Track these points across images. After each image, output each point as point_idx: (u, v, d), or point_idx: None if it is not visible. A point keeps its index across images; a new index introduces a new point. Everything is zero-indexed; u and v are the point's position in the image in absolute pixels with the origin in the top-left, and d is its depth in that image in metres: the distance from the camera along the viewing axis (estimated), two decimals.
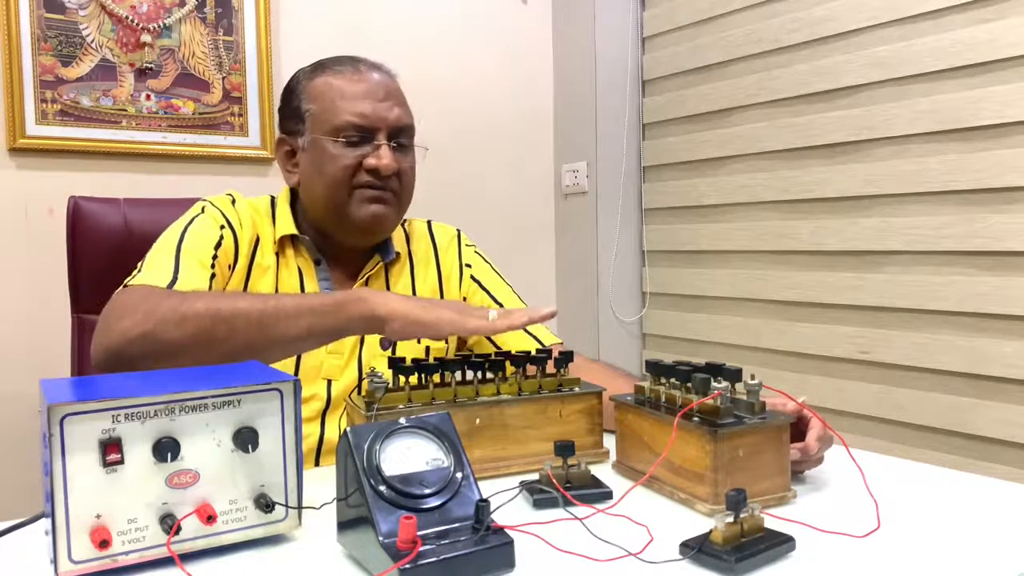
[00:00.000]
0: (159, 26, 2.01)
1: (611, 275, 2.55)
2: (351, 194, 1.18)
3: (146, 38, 2.00)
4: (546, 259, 2.70)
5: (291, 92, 1.26)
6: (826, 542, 0.72)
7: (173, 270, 1.07)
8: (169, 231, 1.16)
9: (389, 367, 0.95)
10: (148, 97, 2.01)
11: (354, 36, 2.28)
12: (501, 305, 1.32)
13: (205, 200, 1.23)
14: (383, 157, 1.17)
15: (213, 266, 1.12)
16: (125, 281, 1.08)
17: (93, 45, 1.94)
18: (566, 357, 1.01)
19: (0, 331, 1.86)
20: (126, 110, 1.98)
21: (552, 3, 2.66)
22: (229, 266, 1.17)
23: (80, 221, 1.40)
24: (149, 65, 2.00)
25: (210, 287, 1.10)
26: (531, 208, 2.66)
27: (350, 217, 1.19)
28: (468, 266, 1.35)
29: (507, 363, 0.99)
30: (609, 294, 2.55)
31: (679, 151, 2.44)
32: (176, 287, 1.04)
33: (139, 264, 1.12)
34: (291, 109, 1.25)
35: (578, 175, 2.59)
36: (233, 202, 1.24)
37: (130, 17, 1.97)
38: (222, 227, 1.17)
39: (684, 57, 2.41)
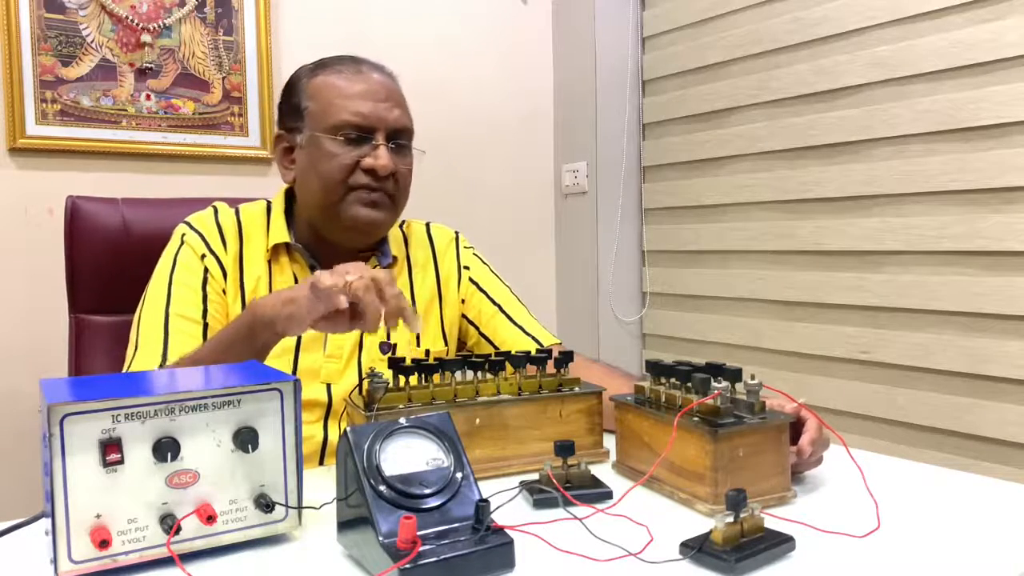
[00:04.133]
0: (159, 26, 2.01)
1: (611, 275, 2.55)
2: (346, 194, 1.17)
3: (146, 38, 1.99)
4: (546, 259, 2.70)
5: (292, 88, 1.25)
6: (826, 542, 0.72)
7: (163, 344, 1.11)
8: (156, 280, 1.18)
9: (389, 367, 0.95)
10: (148, 97, 2.01)
11: (354, 36, 2.28)
12: (500, 308, 1.32)
13: (185, 224, 1.23)
14: (380, 157, 1.17)
15: (205, 314, 1.15)
16: (126, 359, 1.12)
17: (93, 45, 1.94)
18: (566, 357, 1.01)
19: (0, 331, 1.86)
20: (126, 110, 1.98)
21: (552, 3, 2.66)
22: (223, 291, 1.18)
23: (78, 221, 1.40)
24: (149, 65, 2.00)
25: (205, 335, 1.13)
26: (531, 208, 2.66)
27: (343, 216, 1.18)
28: (466, 268, 1.35)
29: (507, 363, 0.99)
30: (609, 294, 2.55)
31: (679, 151, 2.44)
32: (168, 361, 1.09)
33: (135, 326, 1.15)
34: (291, 106, 1.24)
35: (578, 175, 2.59)
36: (216, 215, 1.23)
37: (130, 17, 1.97)
38: (203, 256, 1.18)
39: (684, 57, 2.41)
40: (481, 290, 1.33)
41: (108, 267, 1.38)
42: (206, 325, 1.14)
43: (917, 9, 1.82)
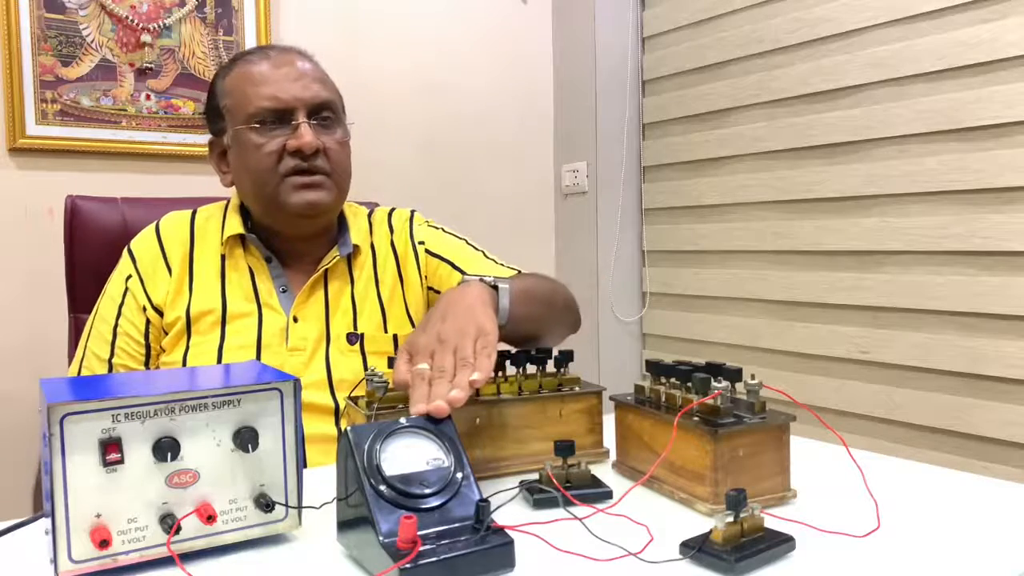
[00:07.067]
0: (159, 26, 2.01)
1: (611, 275, 2.55)
2: (280, 182, 1.16)
3: (146, 38, 1.99)
4: (546, 259, 2.70)
5: (211, 91, 1.25)
6: (826, 542, 0.72)
7: (80, 361, 1.21)
8: (97, 305, 1.25)
9: (389, 367, 0.95)
10: (148, 97, 2.01)
11: (353, 36, 2.28)
12: (463, 272, 1.26)
13: (125, 249, 1.25)
14: (303, 135, 1.15)
15: (115, 339, 1.19)
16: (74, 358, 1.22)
17: (93, 45, 1.94)
18: (566, 356, 1.01)
19: (0, 331, 1.86)
20: (126, 110, 1.98)
21: (552, 3, 2.66)
22: (143, 308, 1.19)
23: (78, 220, 1.40)
24: (149, 65, 2.00)
25: (112, 356, 1.19)
26: (531, 208, 2.66)
27: (283, 206, 1.17)
28: (421, 243, 1.32)
29: (507, 362, 0.99)
30: (609, 294, 2.55)
31: (679, 151, 2.44)
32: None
33: (84, 330, 1.24)
34: (212, 108, 1.24)
35: (578, 175, 2.59)
36: (157, 228, 1.25)
37: (130, 17, 1.97)
38: (128, 278, 1.21)
39: (684, 57, 2.41)
40: (438, 257, 1.31)
41: (108, 267, 1.38)
42: (111, 365, 1.19)
43: (917, 9, 1.82)
